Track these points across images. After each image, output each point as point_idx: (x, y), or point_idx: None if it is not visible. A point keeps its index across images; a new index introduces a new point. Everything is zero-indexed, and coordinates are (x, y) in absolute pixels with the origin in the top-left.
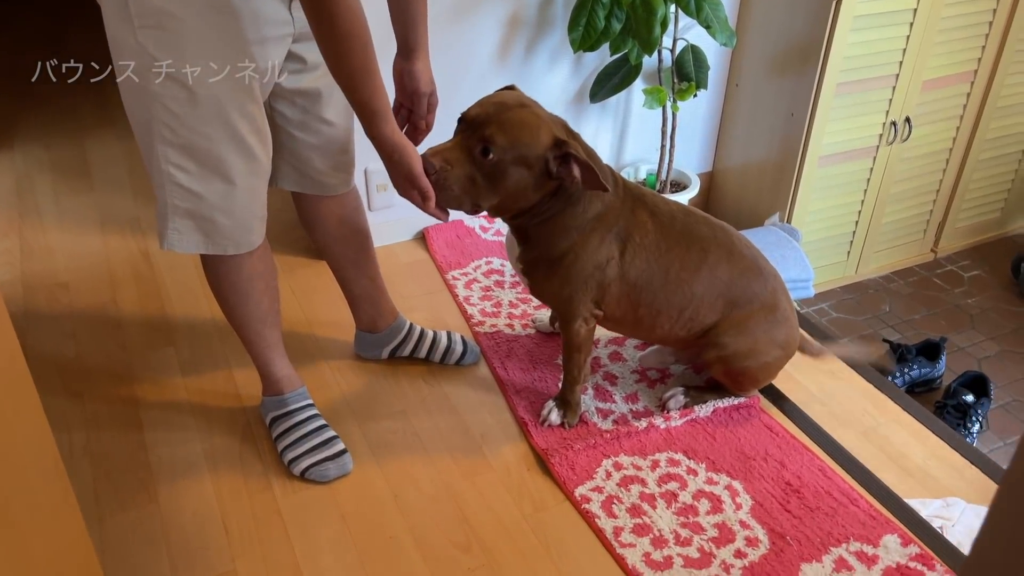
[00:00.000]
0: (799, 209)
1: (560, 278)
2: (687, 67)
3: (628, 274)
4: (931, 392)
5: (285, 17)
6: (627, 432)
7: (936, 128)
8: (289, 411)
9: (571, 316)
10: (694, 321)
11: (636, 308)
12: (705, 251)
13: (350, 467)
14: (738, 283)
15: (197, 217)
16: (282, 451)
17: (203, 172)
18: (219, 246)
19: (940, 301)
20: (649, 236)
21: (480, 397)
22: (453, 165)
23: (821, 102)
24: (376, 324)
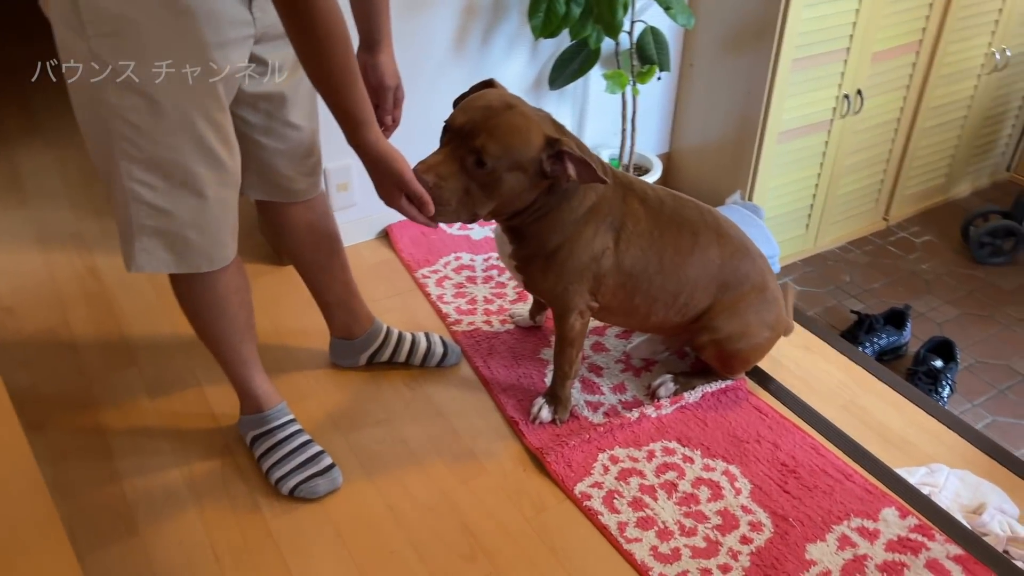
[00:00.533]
0: (760, 186)
1: (556, 273)
2: (648, 49)
3: (623, 263)
4: (899, 360)
5: (246, 17)
6: (620, 424)
7: (885, 99)
8: (271, 428)
9: (567, 310)
10: (688, 306)
11: (632, 297)
12: (696, 234)
13: (340, 481)
14: (729, 265)
15: (166, 235)
16: (268, 470)
17: (171, 187)
18: (192, 264)
19: (896, 269)
20: (641, 224)
21: (465, 398)
22: (446, 179)
23: (778, 79)
24: (352, 330)
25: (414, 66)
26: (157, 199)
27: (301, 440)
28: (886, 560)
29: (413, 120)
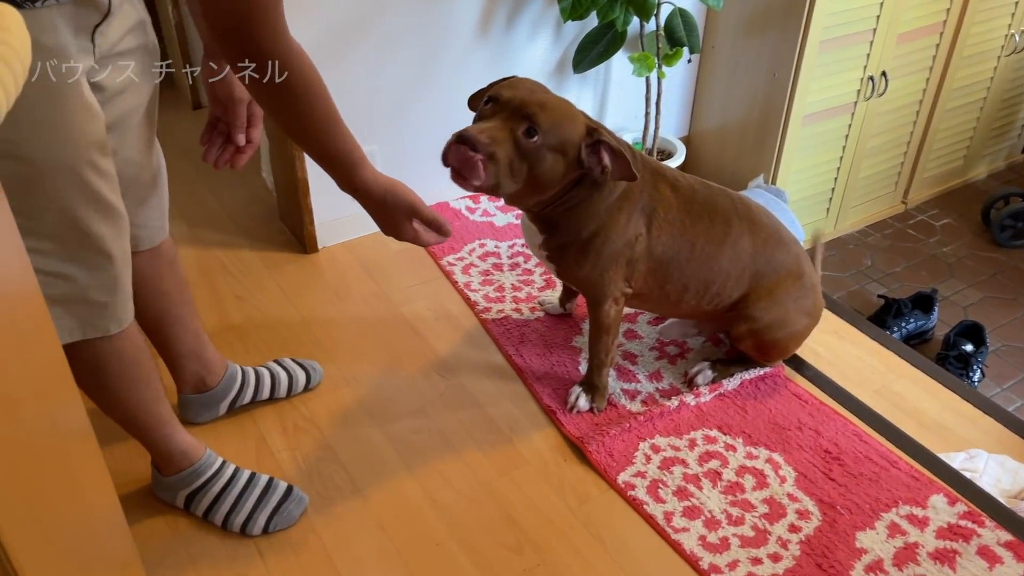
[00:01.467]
0: (783, 169)
1: (591, 260)
2: (677, 31)
3: (655, 249)
4: (926, 344)
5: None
6: (659, 412)
7: (909, 80)
8: (207, 480)
9: (601, 297)
10: (720, 296)
11: (663, 284)
12: (728, 223)
13: (307, 497)
14: (762, 254)
15: (67, 302)
16: (224, 521)
17: (67, 250)
18: (99, 328)
19: (917, 252)
20: (672, 211)
21: (499, 387)
22: (499, 144)
23: (805, 60)
24: (205, 382)
25: (437, 49)
26: (51, 265)
27: (245, 477)
28: (938, 548)
29: (437, 103)
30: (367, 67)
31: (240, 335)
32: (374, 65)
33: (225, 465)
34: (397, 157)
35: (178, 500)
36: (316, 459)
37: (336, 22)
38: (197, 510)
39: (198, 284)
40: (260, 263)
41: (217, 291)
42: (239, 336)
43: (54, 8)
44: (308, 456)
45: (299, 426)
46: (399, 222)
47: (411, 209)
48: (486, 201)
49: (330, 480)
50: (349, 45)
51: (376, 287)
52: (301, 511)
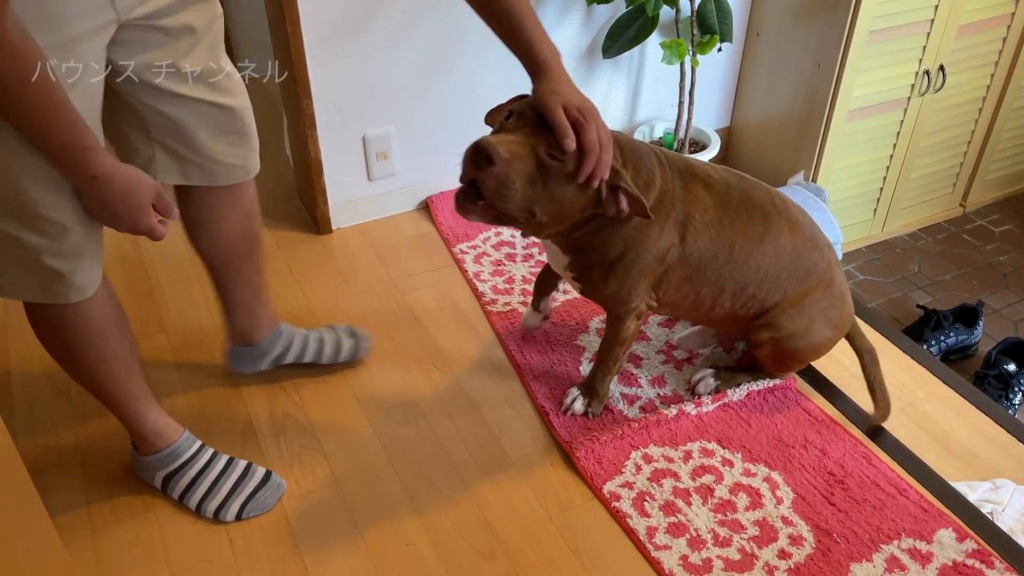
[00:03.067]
0: (825, 167)
1: (619, 279)
2: (709, 18)
3: (691, 256)
4: (967, 360)
5: (97, 3)
6: (656, 420)
7: (970, 76)
8: (183, 463)
9: (624, 313)
10: (756, 299)
11: (699, 290)
12: (767, 219)
13: (284, 485)
14: (799, 254)
15: (23, 265)
16: (199, 505)
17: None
18: (59, 294)
19: (971, 259)
20: (709, 212)
21: (496, 384)
22: (518, 159)
23: (852, 51)
24: (250, 336)
25: (459, 27)
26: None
27: (222, 463)
28: None
29: (457, 84)
30: (386, 45)
31: None
32: (393, 43)
33: (203, 449)
34: (415, 139)
35: (156, 481)
36: (299, 447)
37: (355, 1)
38: (173, 493)
39: None
40: (273, 241)
41: None
42: None
43: None
44: (292, 443)
45: (288, 412)
46: (144, 207)
47: (157, 191)
48: None
49: (310, 470)
50: (368, 21)
51: (385, 272)
52: (277, 499)
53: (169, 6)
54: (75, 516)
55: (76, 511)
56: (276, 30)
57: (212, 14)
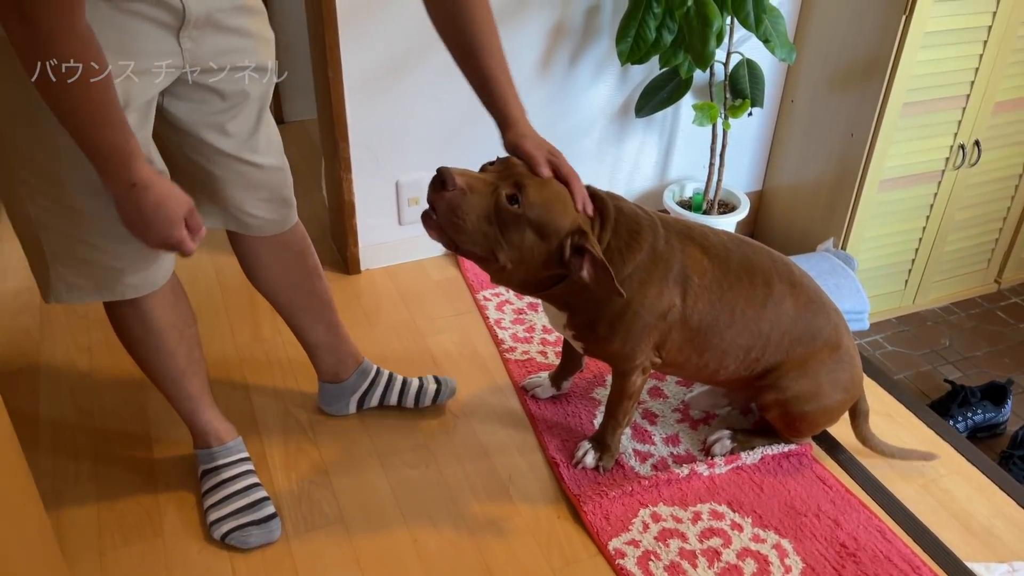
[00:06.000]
0: (855, 235)
1: (621, 337)
2: (742, 83)
3: (691, 319)
4: (995, 439)
5: (169, 48)
6: (667, 479)
7: (1007, 153)
8: (217, 466)
9: (629, 369)
10: (759, 361)
11: (702, 353)
12: (768, 284)
13: (277, 534)
14: (803, 317)
15: (85, 263)
16: (206, 509)
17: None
18: (115, 292)
19: (1004, 337)
20: (708, 275)
21: (508, 432)
22: (475, 193)
23: (885, 122)
24: (338, 373)
25: None
26: (69, 228)
27: (246, 483)
28: None
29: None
30: (423, 95)
31: (266, 350)
32: (429, 93)
33: (241, 462)
34: None
35: (198, 472)
36: (309, 482)
37: (396, 50)
38: (202, 487)
39: (239, 294)
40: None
41: (256, 303)
42: (264, 350)
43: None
44: (302, 478)
45: (301, 448)
46: (177, 219)
47: (190, 206)
48: None
49: (317, 506)
50: (407, 72)
51: (408, 315)
52: (260, 543)
53: (231, 69)
54: (85, 537)
55: (87, 531)
56: (318, 75)
57: (267, 84)
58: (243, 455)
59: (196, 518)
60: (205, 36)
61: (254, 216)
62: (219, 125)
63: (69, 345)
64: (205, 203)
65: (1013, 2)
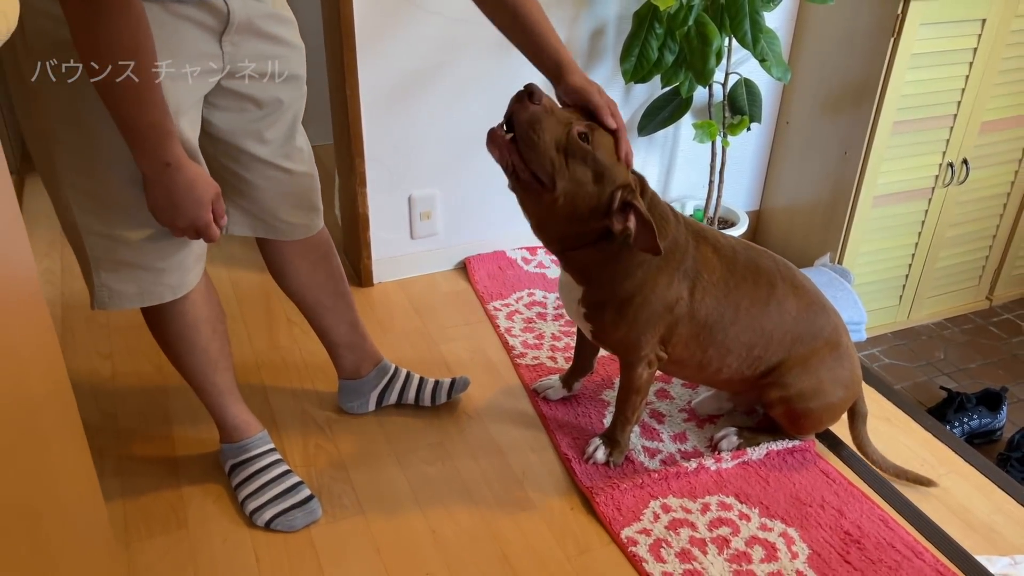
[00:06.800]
0: (851, 250)
1: (629, 322)
2: (740, 100)
3: (698, 313)
4: (991, 445)
5: (212, 51)
6: (676, 473)
7: (994, 171)
8: (248, 458)
9: (636, 360)
10: (761, 360)
11: (706, 349)
12: (772, 284)
13: (319, 513)
14: (804, 317)
15: (128, 266)
16: (243, 501)
17: (123, 217)
18: (155, 295)
19: (997, 350)
20: (716, 273)
21: (521, 431)
22: (554, 115)
23: (877, 140)
24: (359, 369)
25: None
26: (112, 230)
27: (279, 471)
28: None
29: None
30: (436, 112)
31: (283, 355)
32: (443, 111)
33: (269, 452)
34: (458, 202)
35: (225, 467)
36: (329, 477)
37: (411, 69)
38: (233, 481)
39: (256, 306)
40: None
41: (272, 314)
42: (282, 356)
43: None
44: (322, 474)
45: (320, 446)
46: (206, 202)
47: (217, 191)
48: (542, 254)
49: (338, 499)
50: (420, 90)
51: (420, 323)
52: (305, 523)
53: (270, 75)
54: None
55: (113, 524)
56: (336, 94)
57: (300, 91)
58: (271, 446)
59: (219, 510)
60: (245, 41)
61: (285, 222)
62: (257, 132)
63: (91, 352)
64: (237, 211)
65: (997, 25)
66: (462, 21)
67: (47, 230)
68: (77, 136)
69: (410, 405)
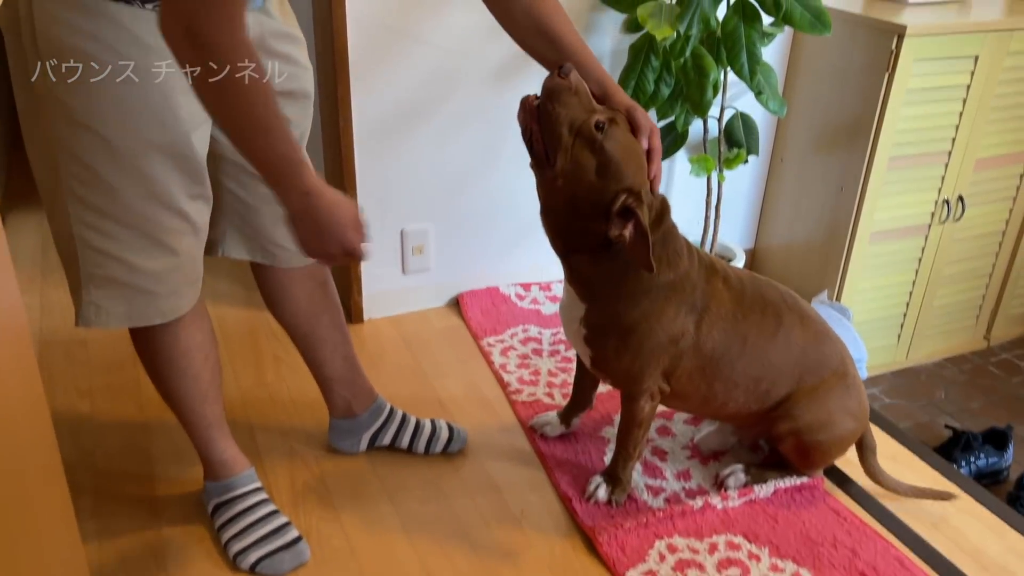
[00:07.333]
0: (848, 287)
1: (632, 352)
2: (737, 133)
3: (704, 346)
4: (998, 485)
5: None
6: (681, 511)
7: (989, 209)
8: (233, 497)
9: (637, 392)
10: (769, 393)
11: (711, 383)
12: (779, 316)
13: (307, 555)
14: (812, 348)
15: (120, 285)
16: (227, 543)
17: (131, 236)
18: (145, 317)
19: (998, 389)
20: (725, 305)
21: (519, 470)
22: (578, 95)
23: (873, 176)
24: (352, 408)
25: (500, 133)
26: (110, 246)
27: (265, 511)
28: None
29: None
30: (430, 146)
31: (270, 392)
32: (437, 145)
33: (257, 491)
34: (450, 237)
35: (209, 507)
36: (317, 518)
37: (404, 99)
38: (216, 522)
39: (243, 343)
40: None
41: (259, 351)
42: (269, 393)
43: None
44: (310, 514)
45: (308, 485)
46: (350, 223)
47: (356, 207)
48: (536, 290)
49: (327, 541)
50: (414, 122)
51: (412, 360)
52: (293, 567)
53: (280, 94)
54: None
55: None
56: (328, 126)
57: (307, 111)
58: (257, 484)
59: (201, 553)
60: None
61: (282, 247)
62: None
63: (70, 390)
64: (236, 234)
65: (990, 62)
66: (457, 53)
67: (28, 267)
68: (89, 146)
69: (403, 449)
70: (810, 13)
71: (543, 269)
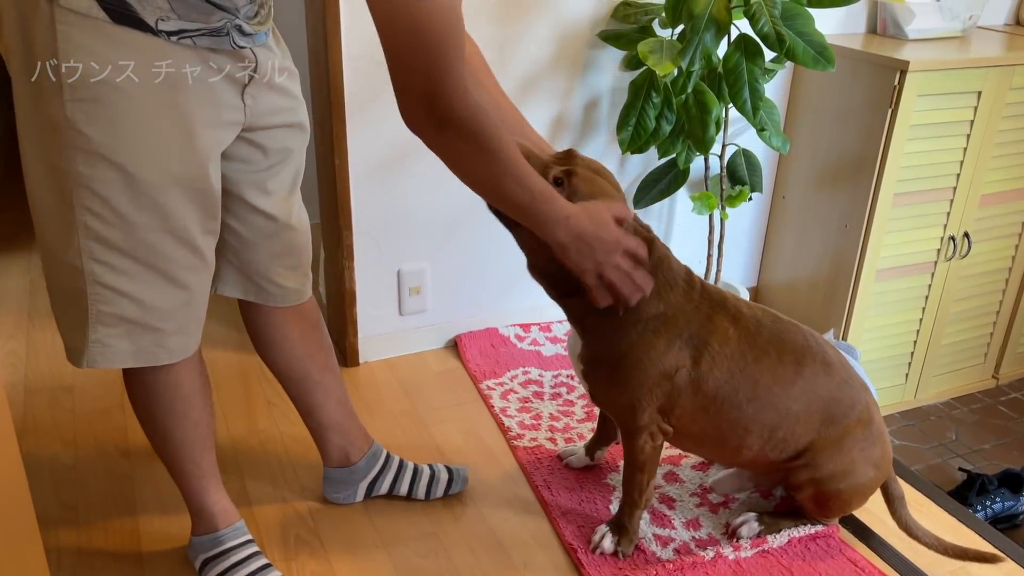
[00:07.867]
0: (855, 326)
1: (621, 383)
2: (739, 171)
3: (705, 384)
4: (1015, 530)
5: (236, 103)
6: (692, 563)
7: (995, 245)
8: (223, 551)
9: (634, 429)
10: (787, 442)
11: (719, 425)
12: (800, 363)
13: None
14: (836, 396)
15: (129, 323)
16: None
17: (144, 272)
18: (151, 356)
19: (1009, 430)
20: (731, 344)
21: (521, 519)
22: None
23: (878, 213)
24: (348, 456)
25: None
26: (122, 283)
27: (256, 565)
28: None
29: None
30: (427, 184)
31: (262, 439)
32: (434, 184)
33: (247, 544)
34: (448, 278)
35: (196, 563)
36: (311, 573)
37: (400, 137)
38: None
39: (234, 387)
40: None
41: (251, 395)
42: (259, 441)
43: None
44: (304, 568)
45: (301, 537)
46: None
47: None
48: (536, 331)
49: None
50: (411, 161)
51: (409, 405)
52: None
53: (280, 127)
54: None
55: None
56: (323, 166)
57: (304, 142)
58: (248, 537)
59: None
60: (262, 94)
61: (277, 284)
62: (261, 183)
63: (53, 439)
64: (230, 269)
65: (993, 98)
66: None
67: (13, 312)
68: (108, 179)
69: (401, 497)
70: (813, 49)
71: (543, 310)
